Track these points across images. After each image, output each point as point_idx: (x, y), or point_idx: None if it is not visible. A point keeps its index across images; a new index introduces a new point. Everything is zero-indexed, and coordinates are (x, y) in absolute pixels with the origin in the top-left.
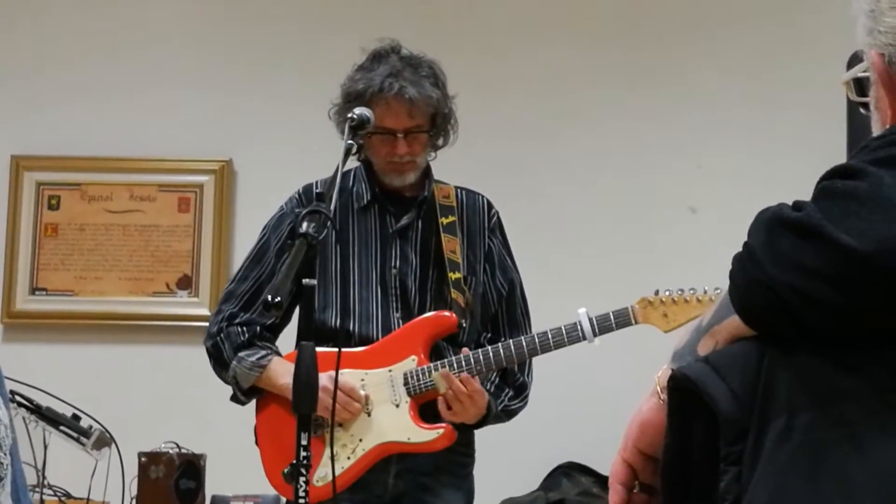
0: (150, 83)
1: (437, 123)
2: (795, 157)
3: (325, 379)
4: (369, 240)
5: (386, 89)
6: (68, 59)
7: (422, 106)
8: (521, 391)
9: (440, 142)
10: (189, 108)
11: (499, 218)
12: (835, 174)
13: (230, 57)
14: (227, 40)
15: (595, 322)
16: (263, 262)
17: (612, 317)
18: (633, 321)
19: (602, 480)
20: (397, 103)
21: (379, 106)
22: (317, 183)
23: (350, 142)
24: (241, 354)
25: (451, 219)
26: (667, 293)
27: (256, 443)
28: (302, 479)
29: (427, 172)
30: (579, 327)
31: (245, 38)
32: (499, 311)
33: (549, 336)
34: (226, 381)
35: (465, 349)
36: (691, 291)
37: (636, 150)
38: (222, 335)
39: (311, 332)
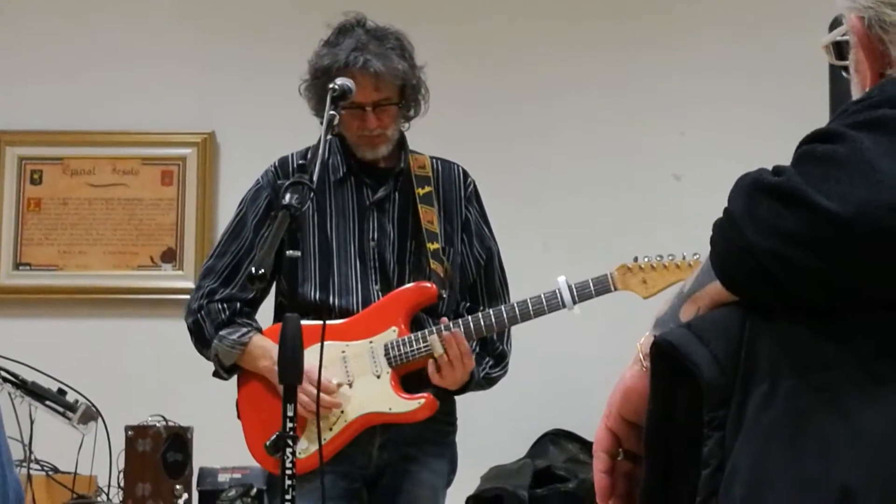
0: (131, 56)
1: (406, 95)
2: (778, 124)
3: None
4: (346, 213)
5: (351, 63)
6: (50, 34)
7: (388, 78)
8: (501, 360)
9: (411, 113)
10: (171, 80)
11: (475, 187)
12: (814, 138)
13: (212, 29)
14: (209, 13)
15: (574, 289)
16: (242, 236)
17: (591, 284)
18: (612, 288)
19: (589, 447)
20: (363, 77)
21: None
22: (292, 155)
23: (332, 112)
24: (222, 333)
25: (427, 189)
26: (646, 259)
27: (238, 417)
28: (289, 449)
29: (402, 143)
30: (559, 295)
31: (227, 10)
32: (477, 280)
33: (529, 304)
34: (207, 358)
35: (444, 319)
36: (670, 257)
37: (619, 118)
38: (203, 312)
39: (295, 305)
